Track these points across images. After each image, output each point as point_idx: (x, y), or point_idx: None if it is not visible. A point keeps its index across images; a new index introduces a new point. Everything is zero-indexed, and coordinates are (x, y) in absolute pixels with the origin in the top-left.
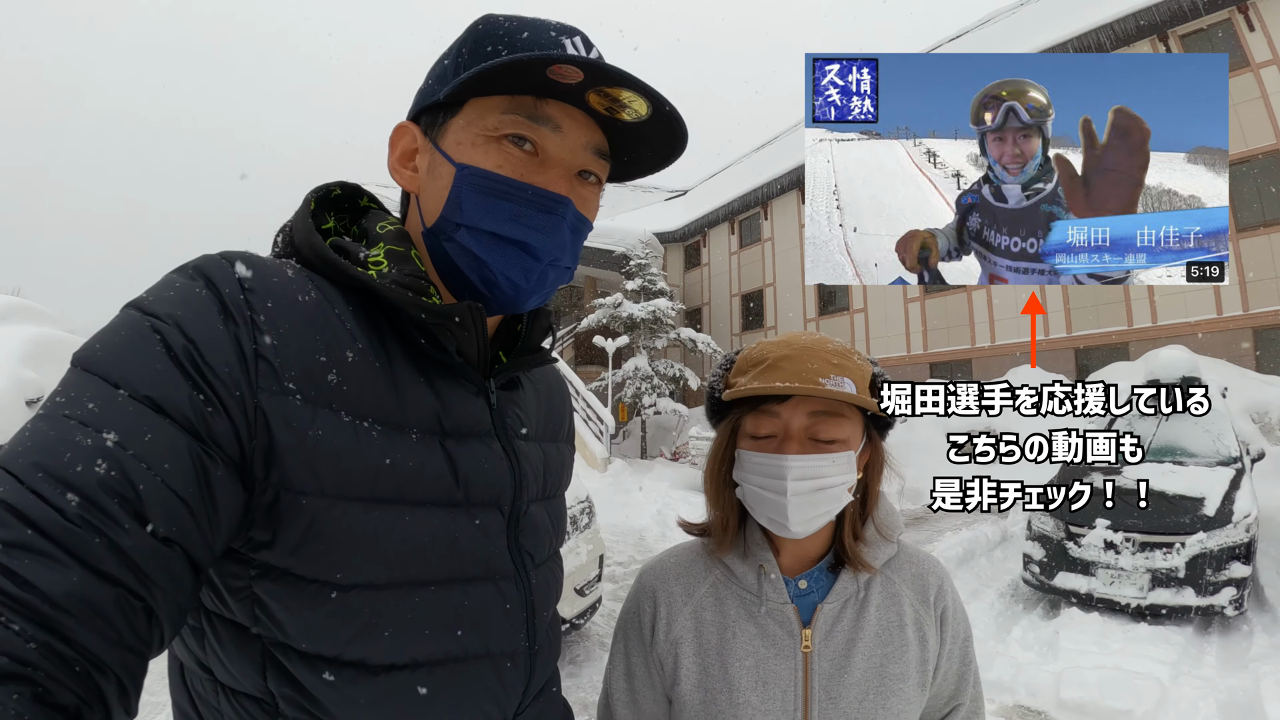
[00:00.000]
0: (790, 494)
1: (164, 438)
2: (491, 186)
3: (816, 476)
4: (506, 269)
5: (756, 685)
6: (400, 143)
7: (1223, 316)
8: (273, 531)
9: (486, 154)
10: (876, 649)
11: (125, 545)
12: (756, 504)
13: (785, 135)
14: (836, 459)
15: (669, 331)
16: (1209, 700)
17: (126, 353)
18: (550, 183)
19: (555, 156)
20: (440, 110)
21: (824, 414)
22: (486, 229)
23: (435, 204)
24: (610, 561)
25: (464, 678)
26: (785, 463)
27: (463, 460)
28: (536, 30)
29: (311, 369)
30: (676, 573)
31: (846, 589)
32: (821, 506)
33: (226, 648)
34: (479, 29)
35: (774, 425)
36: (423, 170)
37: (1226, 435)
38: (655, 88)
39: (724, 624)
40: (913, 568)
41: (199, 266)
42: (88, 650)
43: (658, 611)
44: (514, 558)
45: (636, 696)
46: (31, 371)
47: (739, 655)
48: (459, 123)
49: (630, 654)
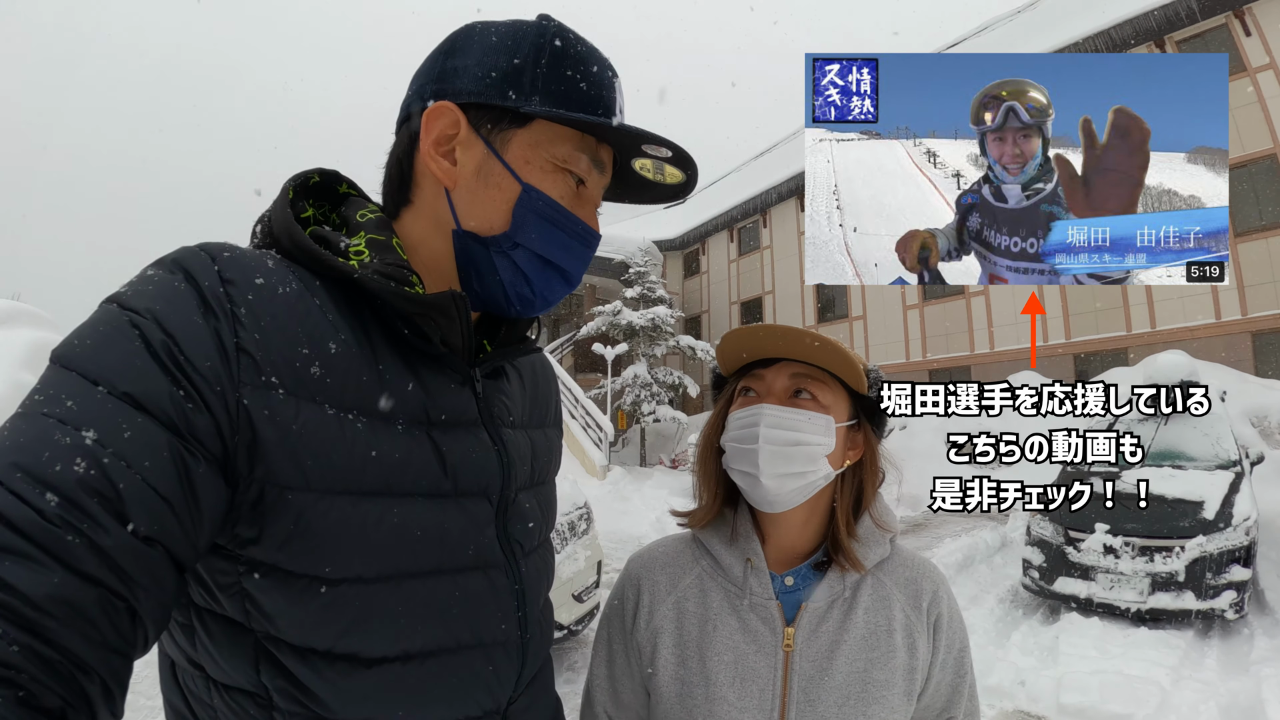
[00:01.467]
0: (762, 441)
1: (144, 435)
2: (553, 216)
3: (790, 429)
4: (546, 290)
5: (734, 681)
6: (437, 124)
7: (1221, 321)
8: (259, 527)
9: (554, 183)
10: (861, 653)
11: (106, 545)
12: (734, 460)
13: (784, 143)
14: (813, 417)
15: (668, 339)
16: (1210, 704)
17: (105, 349)
18: (589, 218)
19: (593, 195)
20: (505, 115)
21: (805, 376)
22: (540, 253)
23: (488, 212)
24: (608, 568)
25: (456, 668)
26: (760, 410)
27: (450, 450)
28: (600, 65)
29: (294, 362)
30: (663, 562)
31: (834, 588)
32: (795, 465)
33: (218, 643)
34: (555, 46)
35: (759, 385)
36: (467, 168)
37: (1226, 439)
38: (697, 165)
39: (706, 616)
40: (907, 571)
41: (177, 259)
42: (71, 652)
43: (640, 599)
44: (503, 547)
45: (616, 685)
46: (31, 376)
47: (718, 649)
48: (526, 139)
49: (612, 642)
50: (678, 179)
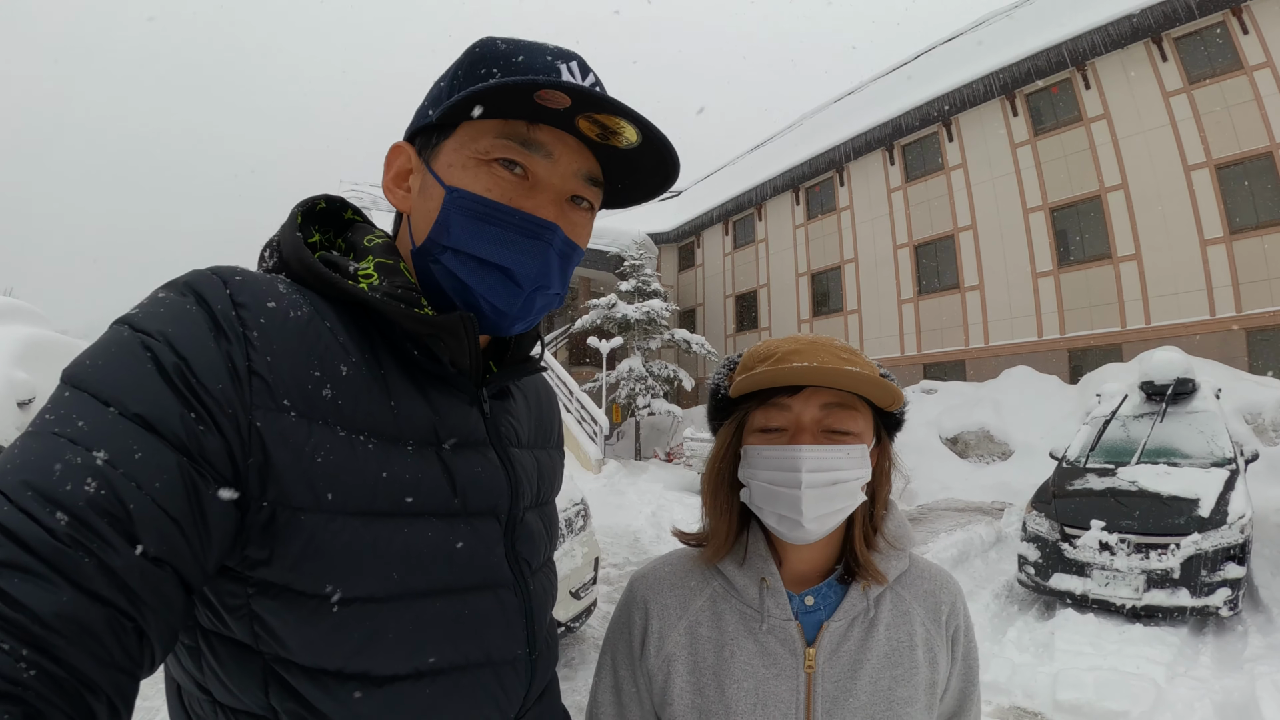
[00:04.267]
0: (805, 486)
1: (154, 456)
2: (479, 210)
3: (832, 469)
4: (489, 294)
5: (755, 708)
6: (395, 163)
7: (1216, 318)
8: (270, 549)
9: (476, 177)
10: (885, 671)
11: (115, 565)
12: (766, 501)
13: (779, 136)
14: (851, 451)
15: (663, 332)
16: (1204, 701)
17: (117, 370)
18: (539, 208)
19: (545, 182)
20: (434, 132)
21: (837, 406)
22: (471, 253)
23: (424, 225)
24: (605, 563)
25: (466, 686)
26: (800, 453)
27: (460, 470)
28: (533, 54)
29: (306, 384)
30: (671, 583)
31: (855, 606)
32: (836, 503)
33: (226, 666)
34: (475, 51)
35: (784, 418)
36: (415, 191)
37: (1220, 436)
38: (645, 115)
39: (721, 641)
40: (925, 584)
41: (189, 282)
42: (78, 670)
43: (649, 625)
44: (512, 565)
45: (624, 712)
46: (24, 373)
47: (737, 676)
48: (451, 145)
49: (618, 668)
50: (632, 139)
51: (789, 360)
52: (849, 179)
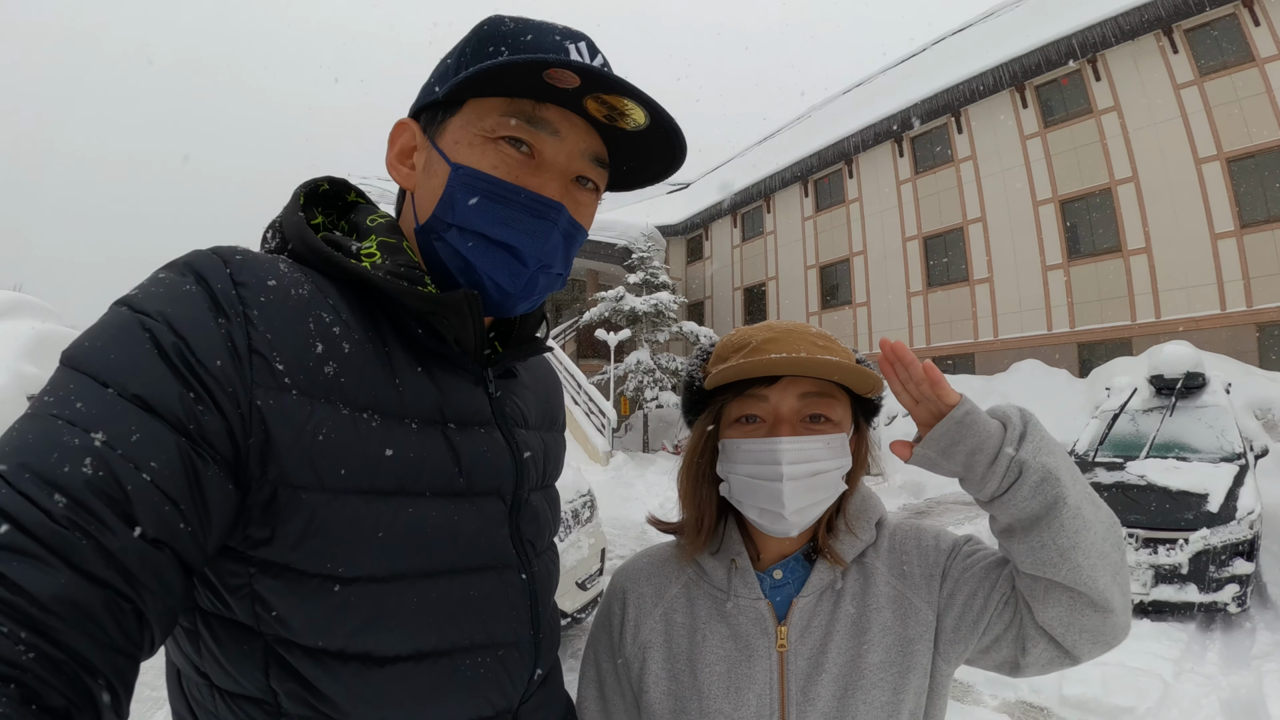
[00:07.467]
0: (785, 478)
1: (153, 437)
2: (484, 188)
3: (812, 460)
4: (493, 272)
5: (728, 692)
6: (399, 139)
7: (1226, 312)
8: (271, 528)
9: (483, 155)
10: (850, 641)
11: (113, 547)
12: (746, 495)
13: (788, 128)
14: (830, 441)
15: (671, 325)
16: (1211, 698)
17: (115, 350)
18: (544, 187)
19: (551, 161)
20: (440, 109)
21: (815, 395)
22: (476, 230)
23: (429, 202)
24: (612, 555)
25: (470, 667)
26: (779, 446)
27: (465, 449)
28: (541, 33)
29: (307, 362)
30: (648, 573)
31: (822, 579)
32: (818, 494)
33: (225, 648)
34: (484, 29)
35: (762, 409)
36: (419, 168)
37: (1230, 431)
38: (653, 97)
39: (694, 626)
40: (887, 542)
41: (189, 262)
42: (76, 652)
43: (626, 614)
44: (516, 547)
45: (607, 705)
46: (33, 367)
47: (709, 660)
48: (457, 122)
49: (600, 661)
50: (640, 121)
51: (765, 350)
52: (858, 171)
